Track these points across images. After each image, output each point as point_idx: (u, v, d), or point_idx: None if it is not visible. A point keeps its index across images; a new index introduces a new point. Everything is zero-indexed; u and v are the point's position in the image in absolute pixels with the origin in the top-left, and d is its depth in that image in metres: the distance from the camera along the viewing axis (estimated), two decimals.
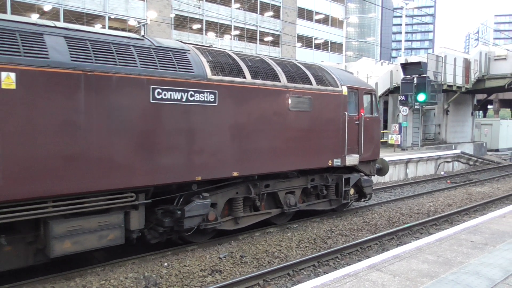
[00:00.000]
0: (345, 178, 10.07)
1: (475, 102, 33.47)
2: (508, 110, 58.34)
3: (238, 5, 40.37)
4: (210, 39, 37.92)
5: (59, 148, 5.65)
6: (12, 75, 5.25)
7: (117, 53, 6.33)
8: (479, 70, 32.01)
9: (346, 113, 9.75)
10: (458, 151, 24.53)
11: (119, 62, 6.27)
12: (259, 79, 8.04)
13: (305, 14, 47.80)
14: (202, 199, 7.42)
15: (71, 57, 5.80)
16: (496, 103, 46.43)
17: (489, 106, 53.89)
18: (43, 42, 5.67)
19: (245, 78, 7.81)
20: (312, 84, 9.05)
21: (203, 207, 7.38)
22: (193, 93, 7.00)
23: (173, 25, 34.35)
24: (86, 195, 6.03)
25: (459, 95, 28.45)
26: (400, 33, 57.99)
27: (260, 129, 8.04)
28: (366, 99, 10.54)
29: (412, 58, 28.50)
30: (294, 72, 8.94)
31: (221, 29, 38.75)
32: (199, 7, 34.25)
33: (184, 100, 6.89)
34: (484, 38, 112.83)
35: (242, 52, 9.30)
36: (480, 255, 6.27)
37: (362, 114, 10.25)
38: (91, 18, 29.42)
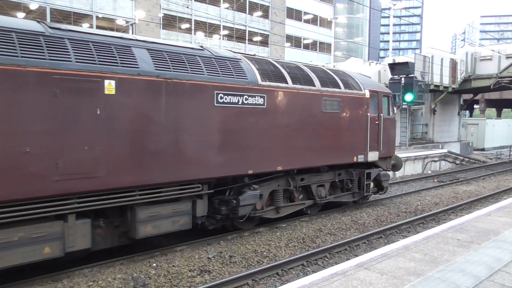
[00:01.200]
0: (367, 172, 11.13)
1: (461, 102, 33.91)
2: (494, 110, 59.26)
3: (227, 5, 40.33)
4: (199, 38, 37.81)
5: (146, 144, 6.64)
6: (113, 83, 6.21)
7: (188, 63, 7.31)
8: (466, 70, 32.45)
9: (368, 114, 10.83)
10: (445, 150, 24.85)
11: (190, 70, 7.25)
12: (297, 84, 9.06)
13: (294, 14, 47.94)
14: (253, 190, 8.41)
15: (155, 66, 6.78)
16: (482, 103, 47.14)
17: (475, 106, 54.69)
18: (133, 54, 6.67)
19: (287, 83, 8.84)
20: (340, 88, 10.11)
21: (254, 197, 8.39)
22: (247, 97, 8.03)
23: (161, 25, 34.17)
24: (163, 186, 6.99)
25: (446, 95, 28.81)
26: (388, 33, 58.51)
27: (299, 128, 9.07)
28: (384, 101, 11.60)
29: (400, 58, 28.77)
30: (325, 77, 9.97)
31: (210, 29, 38.66)
32: (187, 7, 34.12)
33: (240, 103, 7.91)
34: (470, 39, 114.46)
35: (279, 59, 10.25)
36: (465, 253, 6.36)
37: (381, 114, 11.37)
38: (78, 17, 29.11)
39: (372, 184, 11.57)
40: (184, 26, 37.30)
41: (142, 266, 6.83)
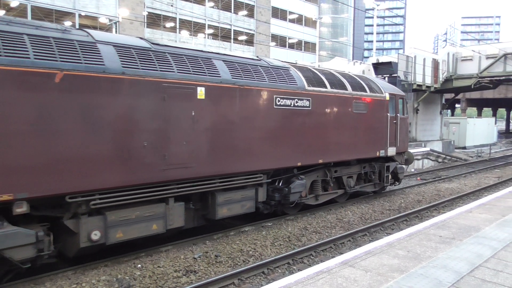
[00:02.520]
0: (386, 165, 12.79)
1: (443, 101, 34.47)
2: (475, 109, 60.46)
3: (212, 4, 40.18)
4: (184, 37, 37.59)
5: (225, 140, 7.92)
6: (203, 89, 7.52)
7: (253, 71, 8.66)
8: (447, 70, 32.99)
9: (388, 114, 12.39)
10: (427, 148, 25.22)
11: (256, 78, 8.58)
12: (334, 89, 10.46)
13: (279, 13, 48.03)
14: (301, 180, 9.85)
15: (231, 75, 8.07)
16: (464, 102, 48.03)
17: (456, 105, 55.73)
18: (215, 65, 7.94)
19: (326, 88, 10.23)
20: (367, 92, 11.56)
21: (302, 186, 9.84)
22: (297, 100, 9.38)
23: (146, 23, 33.85)
24: (234, 175, 8.31)
25: (428, 94, 29.26)
26: (372, 33, 59.10)
27: (335, 127, 10.47)
28: (400, 102, 13.14)
29: (384, 58, 29.09)
30: (354, 82, 11.43)
31: (195, 28, 38.46)
32: (172, 5, 33.89)
33: (292, 105, 9.25)
34: (452, 39, 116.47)
35: (315, 66, 11.87)
36: (447, 249, 6.47)
37: (398, 115, 12.92)
38: (60, 15, 28.61)
39: (389, 176, 13.12)
40: (169, 24, 37.02)
41: (127, 268, 6.77)
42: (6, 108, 5.37)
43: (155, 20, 35.36)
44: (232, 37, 41.39)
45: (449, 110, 55.07)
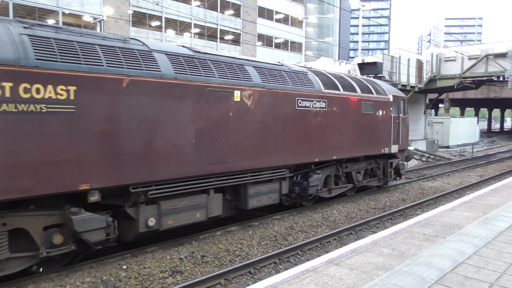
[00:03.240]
0: (390, 162, 13.84)
1: (427, 101, 34.95)
2: (458, 109, 61.47)
3: (198, 3, 40.00)
4: (170, 36, 37.34)
5: (256, 138, 8.85)
6: (239, 93, 8.40)
7: (278, 76, 9.55)
8: (431, 70, 33.45)
9: (392, 114, 13.45)
10: (412, 148, 25.54)
11: (281, 82, 9.49)
12: (346, 91, 11.42)
13: (266, 13, 48.08)
14: (318, 174, 10.80)
15: (261, 80, 9.00)
16: (447, 102, 48.78)
17: (440, 105, 56.60)
18: (247, 71, 8.83)
19: (339, 90, 11.18)
20: (373, 94, 12.58)
21: (319, 180, 10.85)
22: (315, 102, 10.31)
23: (131, 22, 33.52)
24: (263, 170, 9.18)
25: (412, 94, 29.64)
26: (358, 33, 59.61)
27: (347, 126, 11.45)
28: (402, 103, 14.17)
29: (369, 58, 29.37)
30: (362, 85, 12.38)
31: (181, 27, 38.25)
32: (157, 4, 33.64)
33: (311, 107, 10.20)
34: (436, 40, 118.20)
35: (327, 71, 12.48)
36: (431, 246, 6.57)
37: (400, 115, 13.97)
38: (43, 13, 28.17)
39: (392, 172, 14.12)
40: (155, 23, 36.74)
41: (112, 269, 6.70)
42: (87, 109, 6.16)
43: (140, 19, 35.05)
44: (218, 37, 41.27)
45: (433, 110, 55.88)
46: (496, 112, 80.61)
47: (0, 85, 5.33)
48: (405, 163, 15.05)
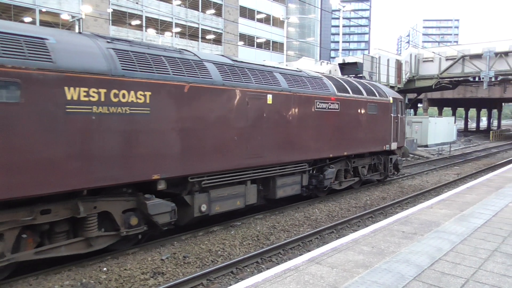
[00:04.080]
0: (390, 158, 15.16)
1: (406, 101, 35.57)
2: (436, 108, 62.74)
3: (179, 2, 39.73)
4: (151, 35, 36.96)
5: (283, 135, 10.01)
6: (271, 96, 9.59)
7: (300, 81, 10.78)
8: (410, 71, 34.01)
9: (392, 114, 14.79)
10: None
11: (303, 86, 10.70)
12: (354, 94, 12.66)
13: (247, 13, 48.11)
14: (332, 168, 12.11)
15: (288, 85, 10.18)
16: (425, 102, 49.73)
17: (419, 105, 57.57)
18: (276, 77, 10.07)
19: (349, 93, 12.45)
20: (376, 96, 13.92)
21: (333, 173, 12.13)
22: (330, 104, 11.51)
23: (111, 21, 33.05)
24: (287, 164, 10.37)
25: None
26: (338, 34, 60.14)
27: (355, 126, 12.73)
28: (400, 105, 15.55)
29: (349, 59, 29.73)
30: (367, 88, 13.70)
31: (162, 26, 37.92)
32: (137, 3, 33.25)
33: (326, 108, 11.38)
34: (414, 41, 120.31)
35: (337, 76, 14.27)
36: (410, 244, 6.70)
37: (399, 115, 15.36)
38: (19, 11, 27.52)
39: (392, 167, 15.44)
40: (135, 22, 36.33)
41: (92, 271, 6.61)
42: (158, 111, 7.18)
43: (120, 18, 34.60)
44: (200, 36, 41.08)
45: (412, 110, 56.90)
46: (472, 112, 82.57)
47: (98, 91, 6.38)
48: (403, 159, 16.59)
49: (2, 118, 5.46)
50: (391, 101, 14.84)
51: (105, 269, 6.70)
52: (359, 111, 12.89)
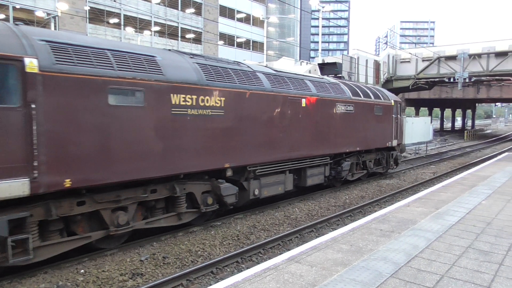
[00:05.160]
0: (391, 153, 17.33)
1: None
2: (413, 108, 64.00)
3: (158, 0, 39.30)
4: (129, 34, 36.46)
5: (313, 133, 11.85)
6: (304, 100, 11.44)
7: (325, 87, 12.78)
8: (388, 71, 34.55)
9: (393, 115, 16.84)
10: None
11: (326, 91, 12.69)
12: (364, 97, 14.71)
13: (227, 12, 47.97)
14: (347, 161, 14.06)
15: (316, 90, 12.12)
16: (403, 102, 50.64)
17: None
18: (307, 84, 11.94)
19: (361, 97, 14.55)
20: (381, 99, 16.03)
21: (348, 166, 14.10)
22: (347, 106, 13.51)
23: (88, 19, 32.43)
24: (314, 157, 12.23)
25: None
26: (318, 34, 60.58)
27: (365, 125, 14.73)
28: (399, 106, 17.57)
29: (329, 59, 30.00)
30: (373, 92, 15.85)
31: (141, 24, 37.44)
32: (115, 1, 32.73)
33: (344, 110, 13.39)
34: (392, 42, 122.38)
35: (348, 81, 16.36)
36: (387, 242, 6.83)
37: (398, 116, 17.40)
38: None
39: (392, 161, 17.49)
40: (113, 20, 35.76)
41: (69, 274, 6.48)
42: (229, 113, 9.03)
43: (98, 16, 34.00)
44: (179, 35, 40.75)
45: None
46: (448, 112, 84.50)
47: (191, 97, 8.15)
48: (401, 154, 18.84)
49: (135, 117, 7.16)
50: (393, 104, 16.89)
51: (82, 271, 6.59)
52: (368, 112, 14.97)
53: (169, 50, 8.97)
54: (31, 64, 5.87)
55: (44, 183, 5.94)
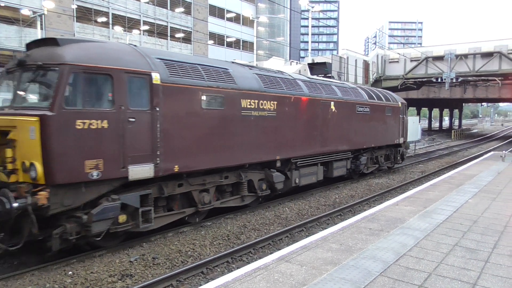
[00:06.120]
0: (398, 149, 19.42)
1: None
2: None
3: None
4: (118, 33, 36.15)
5: (338, 131, 13.72)
6: (333, 103, 13.30)
7: (347, 91, 14.68)
8: (377, 71, 34.77)
9: (400, 116, 18.89)
10: None
11: (348, 95, 14.60)
12: (378, 100, 16.87)
13: (217, 11, 47.85)
14: (364, 156, 16.08)
15: (341, 94, 13.87)
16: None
17: None
18: (334, 89, 13.84)
19: (375, 100, 16.56)
20: (391, 102, 18.11)
21: (365, 160, 16.15)
22: (365, 107, 15.43)
23: (75, 17, 32.06)
24: (339, 152, 14.07)
25: None
26: (308, 34, 60.75)
27: (379, 124, 16.82)
28: (404, 108, 19.66)
29: (319, 59, 30.08)
30: (385, 96, 17.99)
31: (130, 23, 37.16)
32: None
33: (362, 111, 15.25)
34: (380, 42, 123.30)
35: (363, 86, 18.28)
36: (376, 240, 6.88)
37: (404, 116, 19.47)
38: None
39: (399, 157, 19.64)
40: (101, 19, 35.42)
41: (57, 276, 6.41)
42: (279, 114, 10.94)
43: (85, 14, 33.64)
44: (168, 34, 40.54)
45: None
46: (435, 112, 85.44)
47: (254, 101, 10.02)
48: (406, 151, 21.19)
49: (218, 117, 9.03)
50: (400, 106, 18.91)
51: (70, 272, 6.52)
52: (381, 113, 16.92)
53: (233, 62, 11.02)
54: (156, 77, 7.65)
55: (162, 168, 7.75)
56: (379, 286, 4.99)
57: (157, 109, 7.60)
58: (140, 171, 7.33)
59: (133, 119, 7.19)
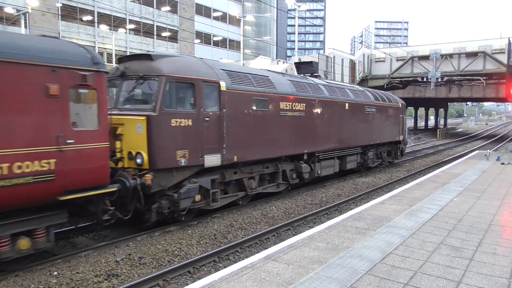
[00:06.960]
0: (398, 146, 21.39)
1: None
2: None
3: None
4: (103, 32, 35.73)
5: (351, 129, 15.75)
6: (347, 104, 15.35)
7: (357, 94, 16.58)
8: (363, 70, 35.03)
9: (400, 115, 20.89)
10: None
11: (358, 97, 16.48)
12: (382, 101, 18.74)
13: (203, 10, 47.65)
14: (371, 152, 17.91)
15: (353, 96, 16.22)
16: None
17: None
18: (347, 92, 15.87)
19: (380, 101, 18.46)
20: (393, 103, 20.10)
21: (372, 155, 18.03)
22: (372, 108, 17.37)
23: (60, 16, 31.58)
24: (351, 148, 15.91)
25: None
26: (294, 33, 60.89)
27: (384, 123, 18.82)
28: (404, 108, 21.72)
29: (305, 58, 30.13)
30: (387, 97, 19.86)
31: (115, 22, 36.76)
32: None
33: (369, 111, 17.16)
34: (367, 42, 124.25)
35: (369, 89, 20.01)
36: (363, 239, 6.94)
37: (403, 116, 21.54)
38: None
39: (399, 153, 21.66)
40: (86, 18, 34.96)
41: (41, 276, 6.31)
42: (307, 114, 12.79)
43: (70, 13, 33.17)
44: (155, 33, 40.23)
45: None
46: (421, 111, 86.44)
47: (289, 103, 11.88)
48: (405, 146, 23.22)
49: (264, 117, 10.92)
50: (400, 106, 20.92)
51: (55, 273, 6.43)
52: (385, 113, 18.77)
53: (269, 70, 12.96)
54: (223, 85, 9.51)
55: (226, 158, 9.62)
56: (365, 284, 5.03)
57: (224, 110, 9.48)
58: (212, 160, 9.22)
59: (207, 119, 9.04)
